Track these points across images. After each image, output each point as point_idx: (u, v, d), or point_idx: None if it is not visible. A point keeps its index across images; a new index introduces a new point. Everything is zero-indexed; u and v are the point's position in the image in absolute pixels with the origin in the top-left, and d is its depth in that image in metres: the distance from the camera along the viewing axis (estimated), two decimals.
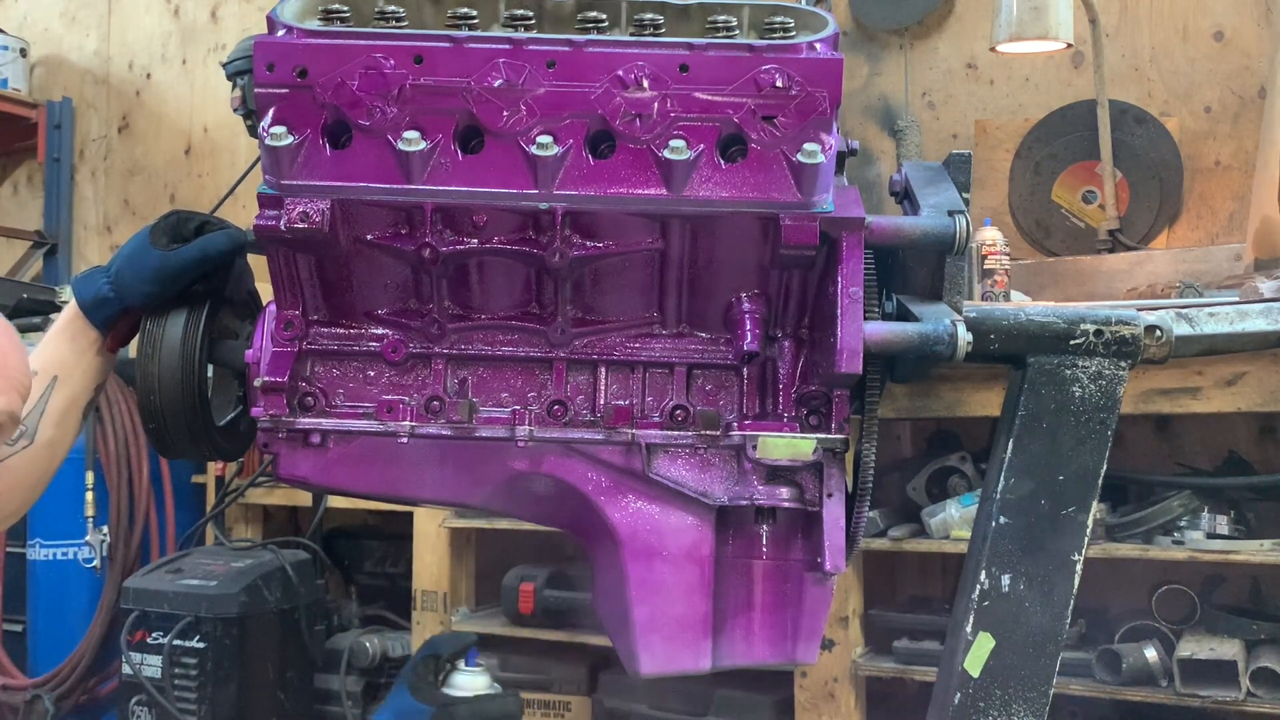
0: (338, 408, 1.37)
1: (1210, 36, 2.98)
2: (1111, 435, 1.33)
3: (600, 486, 1.37)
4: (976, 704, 1.32)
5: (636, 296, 1.36)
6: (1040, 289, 2.80)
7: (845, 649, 2.58)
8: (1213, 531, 2.36)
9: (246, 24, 4.28)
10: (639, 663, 1.37)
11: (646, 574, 1.37)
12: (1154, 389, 2.26)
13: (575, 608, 2.88)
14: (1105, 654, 2.38)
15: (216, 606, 2.98)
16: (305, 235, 1.26)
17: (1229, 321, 1.40)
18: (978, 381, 2.37)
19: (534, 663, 3.03)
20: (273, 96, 1.24)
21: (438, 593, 3.06)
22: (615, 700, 2.89)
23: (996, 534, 1.32)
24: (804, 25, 1.31)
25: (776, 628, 1.39)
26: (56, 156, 4.62)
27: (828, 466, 1.34)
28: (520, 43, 1.24)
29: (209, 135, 4.40)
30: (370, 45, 1.24)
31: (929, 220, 1.32)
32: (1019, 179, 3.09)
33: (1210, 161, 2.96)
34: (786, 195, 1.25)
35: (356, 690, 3.18)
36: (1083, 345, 1.32)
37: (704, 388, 1.39)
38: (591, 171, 1.25)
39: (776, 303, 1.35)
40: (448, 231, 1.29)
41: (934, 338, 1.26)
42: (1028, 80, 3.17)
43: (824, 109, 1.23)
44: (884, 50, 3.31)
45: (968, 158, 1.41)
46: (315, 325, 1.38)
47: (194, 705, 2.95)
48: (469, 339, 1.38)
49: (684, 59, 1.23)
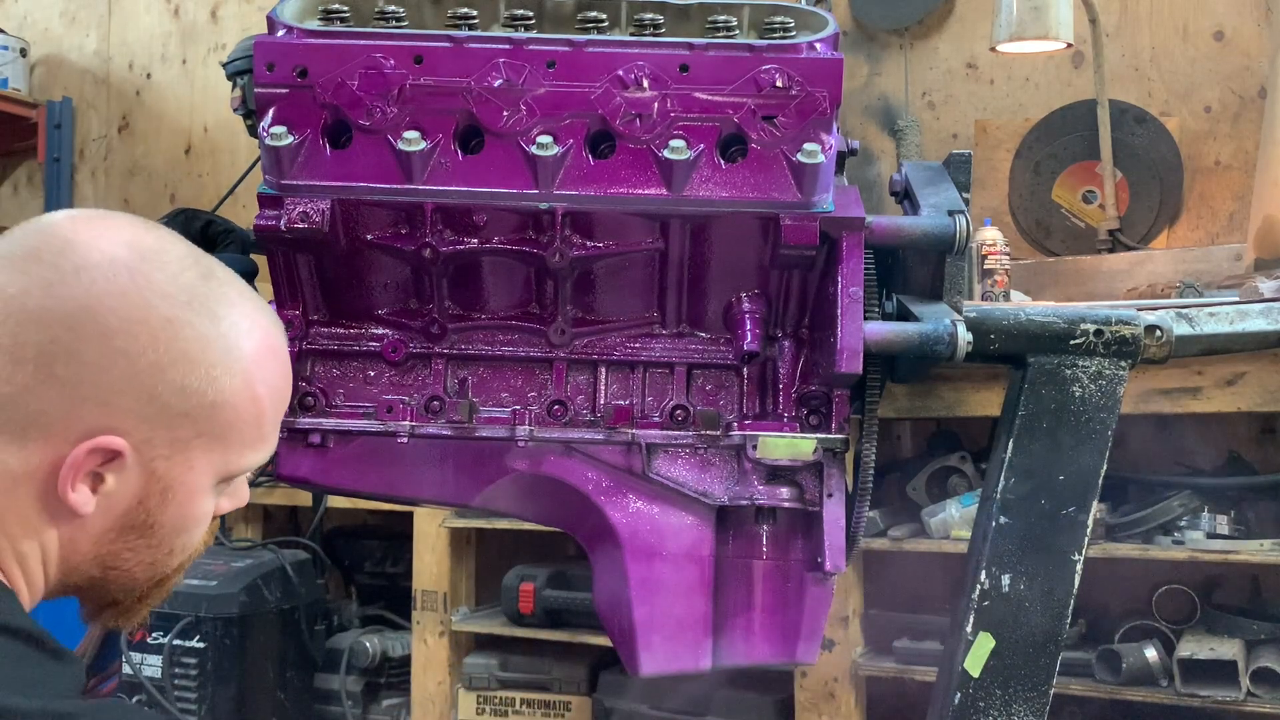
0: (338, 408, 1.37)
1: (1210, 36, 2.98)
2: (1111, 435, 1.33)
3: (600, 486, 1.37)
4: (976, 704, 1.32)
5: (636, 296, 1.36)
6: (1040, 289, 2.80)
7: (845, 649, 2.58)
8: (1213, 531, 2.35)
9: (246, 24, 4.27)
10: (639, 663, 1.37)
11: (647, 574, 1.37)
12: (1154, 389, 2.26)
13: (575, 608, 2.88)
14: (1105, 654, 2.38)
15: (216, 606, 2.97)
16: (305, 235, 1.26)
17: (1229, 321, 1.40)
18: (978, 381, 2.37)
19: (534, 663, 3.02)
20: (273, 96, 1.24)
21: (438, 593, 3.06)
22: (615, 700, 2.88)
23: (996, 534, 1.32)
24: (804, 25, 1.31)
25: (776, 627, 1.39)
26: (56, 156, 4.62)
27: (828, 466, 1.34)
28: (520, 43, 1.24)
29: (209, 135, 4.40)
30: (370, 45, 1.24)
31: (929, 220, 1.32)
32: (1019, 179, 3.09)
33: (1210, 161, 2.96)
34: (786, 195, 1.25)
35: (356, 690, 3.18)
36: (1083, 345, 1.32)
37: (704, 388, 1.39)
38: (591, 171, 1.25)
39: (776, 303, 1.35)
40: (448, 231, 1.29)
41: (934, 338, 1.26)
42: (1028, 80, 3.17)
43: (824, 109, 1.23)
44: (884, 50, 3.31)
45: (968, 158, 1.41)
46: (315, 325, 1.38)
47: (194, 705, 2.95)
48: (469, 339, 1.38)
49: (684, 59, 1.23)
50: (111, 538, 0.93)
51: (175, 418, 0.91)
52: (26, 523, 0.90)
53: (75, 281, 0.88)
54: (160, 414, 0.90)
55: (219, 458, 0.95)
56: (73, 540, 0.92)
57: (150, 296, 0.90)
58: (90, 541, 0.93)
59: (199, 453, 0.94)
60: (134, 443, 0.90)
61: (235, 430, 0.95)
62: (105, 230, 0.92)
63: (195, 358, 0.91)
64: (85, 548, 0.93)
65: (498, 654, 3.04)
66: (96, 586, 0.97)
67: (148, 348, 0.89)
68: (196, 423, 0.92)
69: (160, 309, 0.90)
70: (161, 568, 0.98)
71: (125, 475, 0.91)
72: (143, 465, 0.91)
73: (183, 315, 0.91)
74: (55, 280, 0.88)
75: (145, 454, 0.91)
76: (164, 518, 0.94)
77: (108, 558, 0.94)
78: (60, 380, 0.87)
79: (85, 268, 0.89)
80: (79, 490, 0.89)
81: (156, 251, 0.92)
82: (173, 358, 0.90)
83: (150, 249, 0.92)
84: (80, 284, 0.88)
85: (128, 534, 0.94)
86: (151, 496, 0.93)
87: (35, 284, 0.88)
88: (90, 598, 0.99)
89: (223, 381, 0.93)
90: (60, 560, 0.93)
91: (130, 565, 0.96)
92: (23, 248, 0.90)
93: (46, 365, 0.87)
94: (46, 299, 0.87)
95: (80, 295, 0.88)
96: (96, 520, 0.92)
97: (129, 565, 0.96)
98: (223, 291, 0.95)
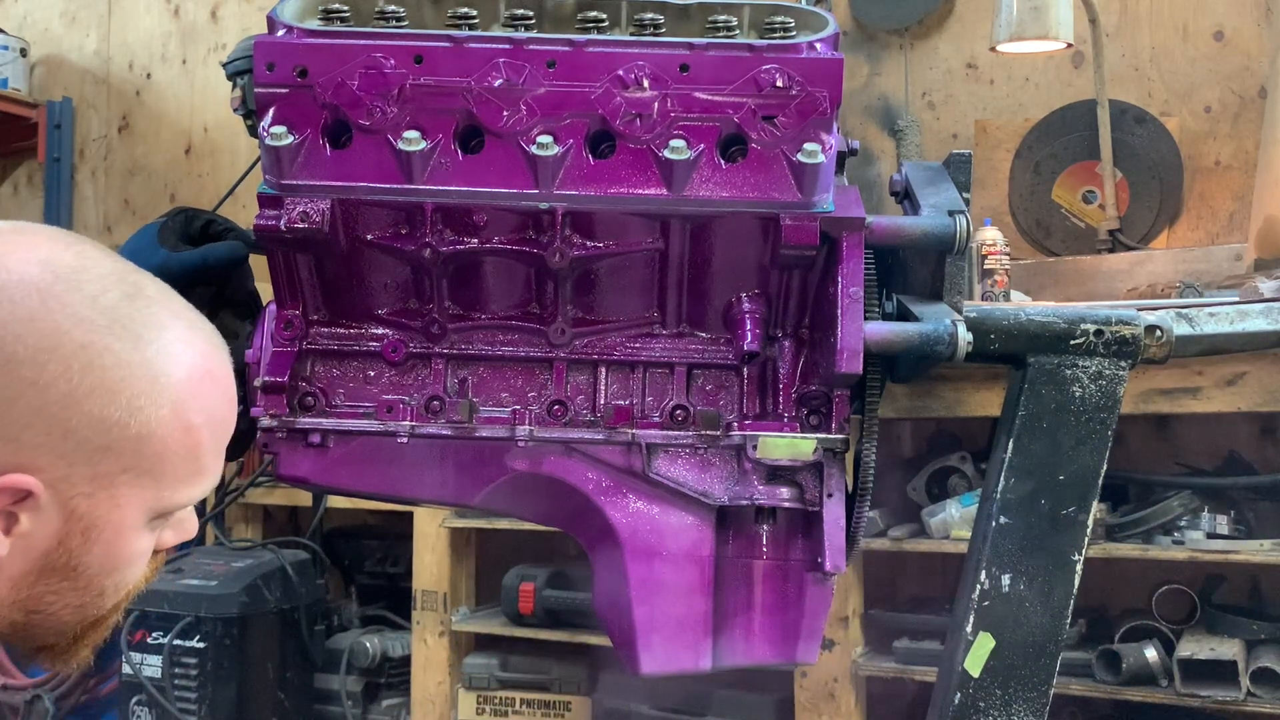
0: (338, 408, 1.37)
1: (1210, 36, 2.98)
2: (1111, 435, 1.33)
3: (600, 486, 1.37)
4: (976, 704, 1.32)
5: (636, 296, 1.36)
6: (1040, 289, 2.80)
7: (845, 649, 2.58)
8: (1213, 531, 2.35)
9: (246, 24, 4.27)
10: (639, 663, 1.37)
11: (647, 574, 1.37)
12: (1154, 389, 2.26)
13: (575, 608, 2.88)
14: (1105, 654, 2.38)
15: (216, 606, 2.98)
16: (305, 235, 1.26)
17: (1229, 321, 1.40)
18: (978, 381, 2.37)
19: (534, 663, 3.02)
20: (273, 96, 1.24)
21: (438, 593, 3.06)
22: (615, 700, 2.88)
23: (996, 534, 1.32)
24: (804, 25, 1.31)
25: (777, 628, 1.39)
26: (56, 156, 4.62)
27: (828, 466, 1.34)
28: (520, 43, 1.24)
29: (209, 135, 4.40)
30: (370, 45, 1.24)
31: (929, 220, 1.32)
32: (1019, 179, 3.09)
33: (1210, 161, 2.96)
34: (787, 195, 1.25)
35: (356, 690, 3.18)
36: (1083, 345, 1.32)
37: (704, 388, 1.39)
38: (591, 171, 1.25)
39: (776, 303, 1.35)
40: (448, 231, 1.29)
41: (934, 338, 1.26)
42: (1028, 80, 3.17)
43: (824, 109, 1.23)
44: (884, 50, 3.31)
45: (968, 158, 1.41)
46: (315, 325, 1.38)
47: (194, 705, 2.95)
48: (469, 339, 1.38)
49: (684, 59, 1.24)
50: (31, 580, 0.86)
51: (95, 452, 0.84)
52: None
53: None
54: (77, 449, 0.83)
55: (150, 494, 0.88)
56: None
57: (62, 321, 0.82)
58: (8, 586, 0.86)
59: (126, 489, 0.86)
60: (48, 480, 0.83)
61: (167, 464, 0.88)
62: (18, 247, 0.84)
63: (115, 387, 0.84)
64: (3, 592, 0.86)
65: (498, 654, 3.05)
66: (21, 632, 0.90)
67: (59, 377, 0.81)
68: (121, 457, 0.85)
69: (74, 335, 0.82)
70: (92, 610, 0.90)
71: (41, 515, 0.83)
72: (60, 504, 0.84)
73: (100, 340, 0.83)
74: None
75: (63, 492, 0.83)
76: (89, 558, 0.87)
77: (29, 602, 0.87)
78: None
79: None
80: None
81: (74, 270, 0.84)
82: (89, 388, 0.83)
83: (67, 267, 0.84)
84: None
85: (49, 576, 0.86)
86: (73, 537, 0.85)
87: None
88: (20, 641, 0.92)
89: (148, 412, 0.85)
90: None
91: (56, 609, 0.88)
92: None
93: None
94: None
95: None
96: (14, 562, 0.84)
97: (54, 609, 0.88)
98: (151, 313, 0.87)
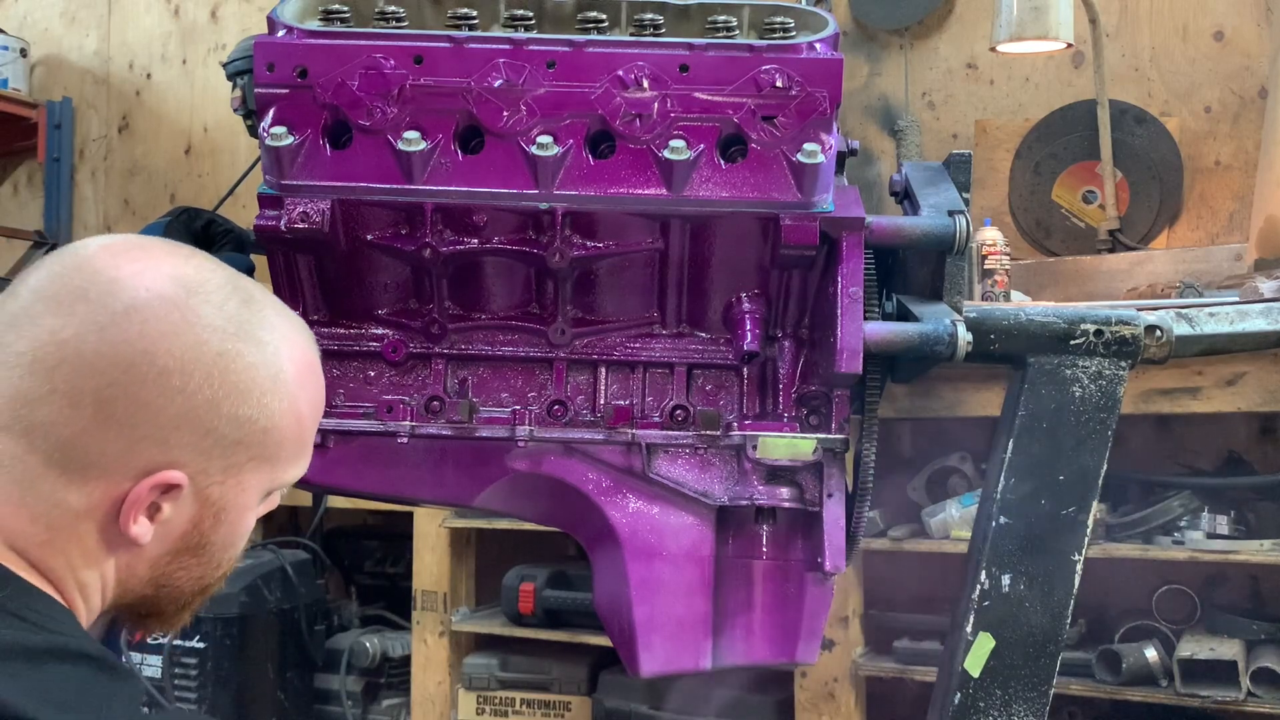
0: (338, 408, 1.37)
1: (1210, 36, 2.98)
2: (1111, 435, 1.33)
3: (600, 486, 1.37)
4: (976, 704, 1.32)
5: (636, 296, 1.36)
6: (1040, 289, 2.80)
7: (845, 649, 2.58)
8: (1213, 531, 2.35)
9: (246, 24, 4.27)
10: (639, 663, 1.38)
11: (647, 574, 1.37)
12: (1154, 389, 2.26)
13: (575, 608, 2.88)
14: (1105, 654, 2.38)
15: (216, 606, 2.97)
16: (305, 235, 1.26)
17: (1229, 321, 1.40)
18: (978, 381, 2.37)
19: (534, 663, 3.02)
20: (273, 96, 1.24)
21: (438, 593, 3.06)
22: (615, 700, 2.88)
23: (996, 534, 1.32)
24: (804, 25, 1.31)
25: (777, 628, 1.39)
26: (56, 156, 4.62)
27: (828, 466, 1.34)
28: (520, 43, 1.24)
29: (209, 135, 4.40)
30: (370, 45, 1.24)
31: (929, 220, 1.32)
32: (1019, 179, 3.09)
33: (1210, 161, 2.96)
34: (786, 195, 1.25)
35: (356, 690, 3.18)
36: (1083, 345, 1.32)
37: (704, 388, 1.39)
38: (591, 171, 1.25)
39: (776, 303, 1.35)
40: (448, 231, 1.29)
41: (934, 338, 1.26)
42: (1028, 80, 3.16)
43: (824, 109, 1.23)
44: (884, 50, 3.31)
45: (968, 158, 1.41)
46: (315, 325, 1.38)
47: (194, 705, 2.95)
48: (469, 339, 1.38)
49: (684, 59, 1.24)
50: (167, 560, 0.97)
51: (229, 446, 0.94)
52: (88, 554, 0.93)
53: (127, 323, 0.89)
54: (215, 445, 0.93)
55: (266, 476, 0.99)
56: (130, 566, 0.95)
57: (201, 332, 0.92)
58: (147, 566, 0.96)
59: (250, 475, 0.97)
60: (190, 473, 0.93)
61: (282, 449, 0.98)
62: (148, 265, 0.93)
63: (246, 388, 0.94)
64: (142, 571, 0.96)
65: (498, 654, 3.04)
66: (146, 602, 1.00)
67: (203, 384, 0.92)
68: (249, 448, 0.95)
69: (212, 344, 0.92)
70: (209, 580, 1.01)
71: (181, 503, 0.94)
72: (197, 493, 0.94)
73: (233, 347, 0.93)
74: (107, 323, 0.89)
75: (201, 482, 0.94)
76: (216, 537, 0.97)
77: (161, 578, 0.98)
78: (119, 422, 0.89)
79: (135, 308, 0.90)
80: (139, 523, 0.92)
81: (200, 283, 0.94)
82: (226, 391, 0.93)
83: (194, 281, 0.94)
84: (133, 325, 0.89)
85: (182, 555, 0.97)
86: (205, 519, 0.96)
87: (87, 327, 0.89)
88: (138, 611, 1.02)
89: (271, 407, 0.96)
90: (117, 584, 0.96)
91: (181, 582, 0.99)
92: (66, 287, 0.91)
93: (105, 408, 0.89)
94: (101, 344, 0.89)
95: (134, 338, 0.89)
96: (154, 546, 0.95)
97: (179, 582, 0.99)
98: (263, 315, 0.97)
